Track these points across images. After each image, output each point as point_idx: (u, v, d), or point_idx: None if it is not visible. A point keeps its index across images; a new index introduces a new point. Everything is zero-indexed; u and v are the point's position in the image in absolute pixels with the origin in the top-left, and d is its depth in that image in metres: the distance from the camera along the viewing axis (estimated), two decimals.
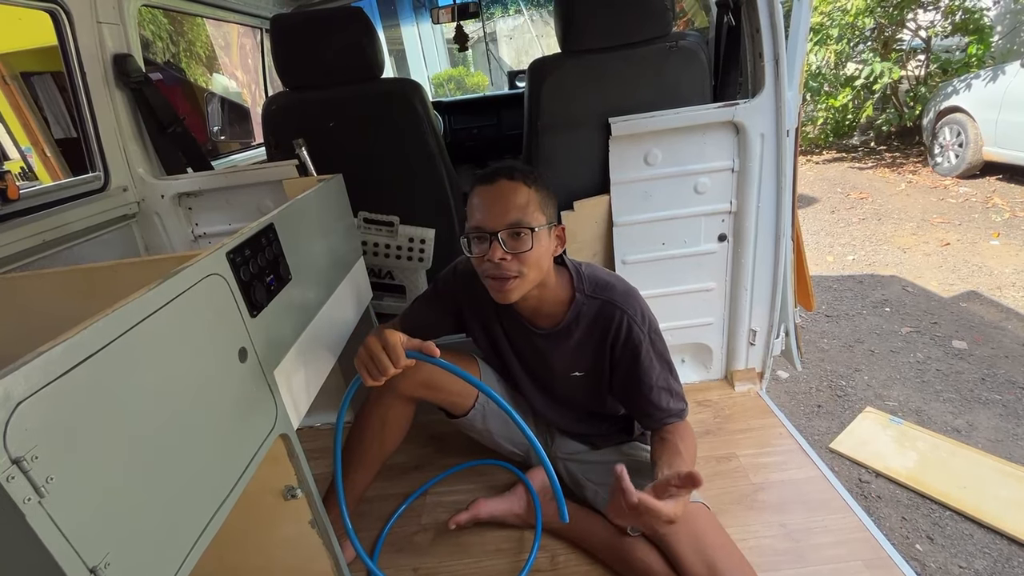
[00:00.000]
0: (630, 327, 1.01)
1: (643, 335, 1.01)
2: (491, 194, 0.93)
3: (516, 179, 0.93)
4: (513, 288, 0.95)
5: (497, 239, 0.91)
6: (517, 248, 0.92)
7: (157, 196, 1.39)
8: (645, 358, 1.01)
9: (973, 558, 1.42)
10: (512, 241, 0.92)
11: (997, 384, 2.07)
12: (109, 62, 1.29)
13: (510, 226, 0.91)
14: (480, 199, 0.94)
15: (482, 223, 0.93)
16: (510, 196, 0.92)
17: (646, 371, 1.01)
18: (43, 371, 0.42)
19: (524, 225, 0.92)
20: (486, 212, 0.93)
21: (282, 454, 0.81)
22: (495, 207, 0.92)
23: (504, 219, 0.91)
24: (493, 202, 0.92)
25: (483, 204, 0.94)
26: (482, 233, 0.93)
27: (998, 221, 3.63)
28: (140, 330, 0.52)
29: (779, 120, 1.30)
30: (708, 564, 0.90)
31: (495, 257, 0.91)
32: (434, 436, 1.52)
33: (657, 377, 1.02)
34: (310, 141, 1.27)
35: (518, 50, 9.01)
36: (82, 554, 0.43)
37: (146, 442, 0.52)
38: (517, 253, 0.92)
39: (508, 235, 0.92)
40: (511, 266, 0.93)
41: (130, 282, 0.61)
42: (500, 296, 0.96)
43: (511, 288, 0.94)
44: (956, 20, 5.04)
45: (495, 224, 0.92)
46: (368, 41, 1.34)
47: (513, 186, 0.93)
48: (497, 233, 0.91)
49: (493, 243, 0.91)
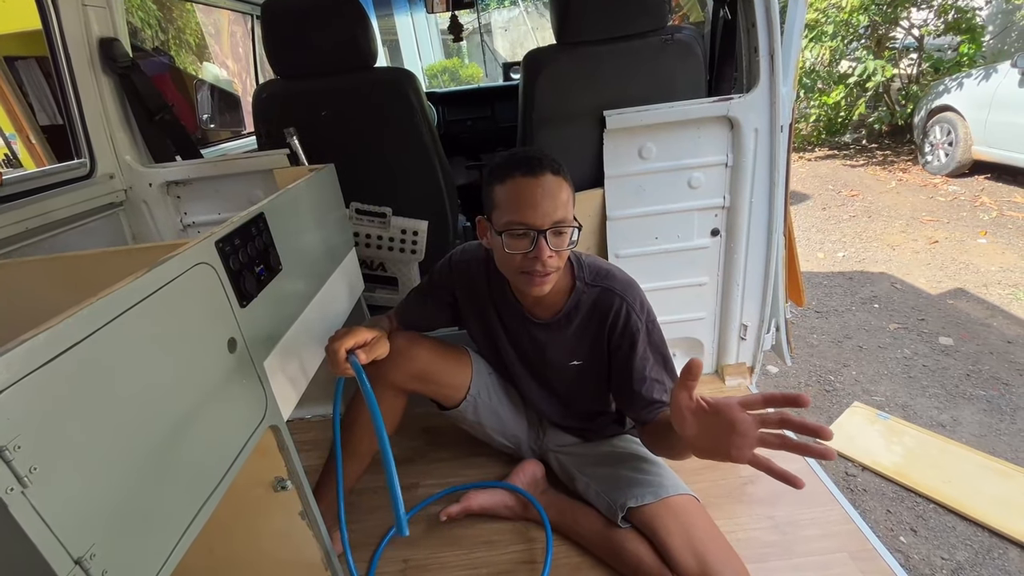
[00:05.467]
0: (628, 314, 1.01)
1: (640, 324, 1.01)
2: (537, 188, 0.88)
3: (560, 173, 0.90)
4: (550, 281, 0.94)
5: (544, 237, 0.89)
6: (560, 246, 0.91)
7: (145, 184, 1.37)
8: (641, 347, 1.01)
9: (955, 550, 1.44)
10: (555, 238, 0.90)
11: (981, 380, 2.10)
12: (95, 46, 1.26)
13: (556, 224, 0.89)
14: (523, 191, 0.89)
15: (528, 220, 0.88)
16: (557, 193, 0.89)
17: (640, 361, 1.01)
18: (26, 360, 0.41)
19: (568, 224, 0.90)
20: (532, 209, 0.88)
21: (272, 446, 0.80)
22: (543, 204, 0.88)
23: (552, 217, 0.88)
24: (540, 198, 0.88)
25: (528, 198, 0.88)
26: (528, 229, 0.89)
27: (986, 220, 3.68)
28: (126, 319, 0.51)
29: (773, 115, 1.30)
30: (698, 556, 0.90)
31: (544, 256, 0.89)
32: (426, 428, 1.52)
33: (651, 368, 1.01)
34: (301, 130, 1.25)
35: (513, 42, 8.95)
36: (67, 545, 0.42)
37: (132, 432, 0.51)
38: (560, 251, 0.91)
39: (553, 232, 0.90)
40: (553, 263, 0.91)
41: (116, 271, 0.60)
42: (536, 290, 0.95)
43: (548, 282, 0.94)
44: (949, 19, 5.08)
45: (542, 222, 0.88)
46: (361, 29, 1.33)
47: (558, 182, 0.89)
48: (545, 231, 0.89)
49: (539, 241, 0.89)
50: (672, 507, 0.99)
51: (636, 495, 1.02)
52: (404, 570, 1.12)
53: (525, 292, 0.99)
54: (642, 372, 1.01)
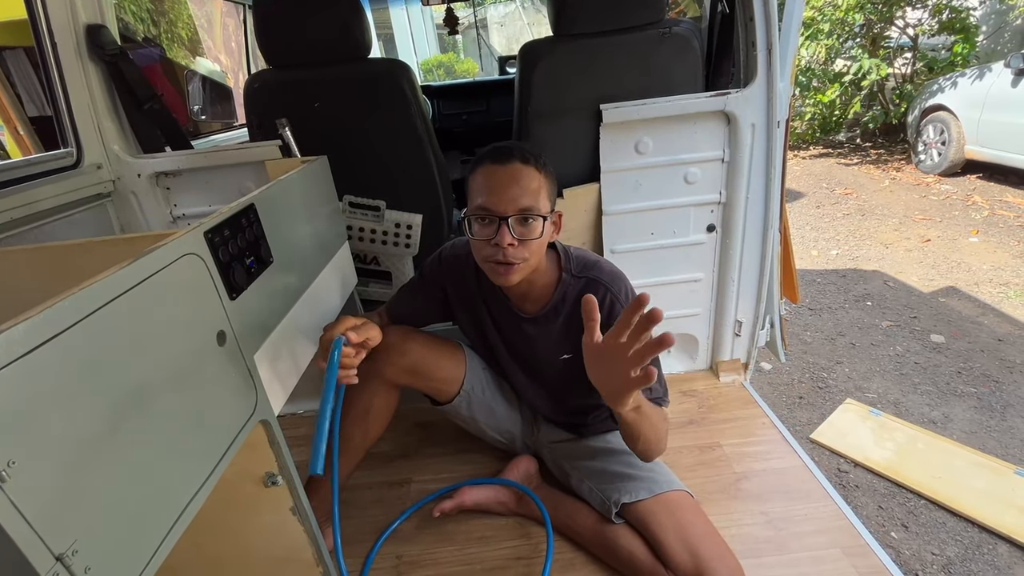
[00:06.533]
0: (612, 304, 0.99)
1: None
2: (503, 175, 0.88)
3: (530, 162, 0.89)
4: (515, 272, 0.92)
5: (507, 224, 0.88)
6: (526, 235, 0.90)
7: (133, 175, 1.34)
8: None
9: (945, 545, 1.46)
10: (521, 227, 0.89)
11: (972, 377, 2.12)
12: (82, 33, 1.23)
13: (521, 211, 0.88)
14: (490, 178, 0.89)
15: (491, 205, 0.89)
16: (523, 180, 0.88)
17: None
18: (4, 350, 0.39)
19: (535, 212, 0.89)
20: (497, 194, 0.88)
21: (262, 440, 0.79)
22: (508, 190, 0.88)
23: (516, 204, 0.88)
24: (506, 184, 0.88)
25: (494, 185, 0.89)
26: (490, 215, 0.89)
27: (978, 219, 3.71)
28: (111, 310, 0.50)
29: (770, 110, 1.30)
30: (691, 551, 0.90)
31: (503, 242, 0.88)
32: (419, 424, 1.51)
33: None
34: (294, 121, 1.23)
35: (509, 38, 8.92)
36: (47, 541, 0.41)
37: (116, 425, 0.50)
38: (525, 240, 0.90)
39: (518, 220, 0.89)
40: (518, 252, 0.90)
41: (102, 261, 0.58)
42: (501, 280, 0.94)
43: (515, 272, 0.92)
44: (943, 19, 5.10)
45: (506, 208, 0.88)
46: (355, 18, 1.31)
47: (527, 170, 0.89)
48: (508, 218, 0.88)
49: (502, 227, 0.88)
50: (666, 503, 0.98)
51: (630, 491, 1.01)
52: (397, 566, 1.11)
53: (495, 283, 0.98)
54: None
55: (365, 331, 0.96)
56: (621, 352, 0.73)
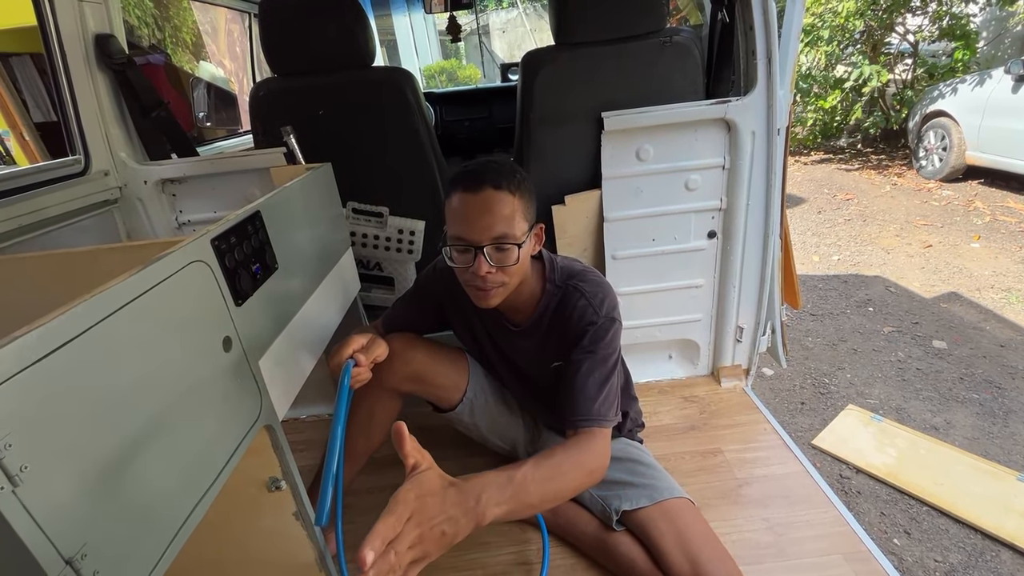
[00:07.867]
0: (584, 309, 0.97)
1: (595, 321, 0.95)
2: (476, 205, 0.87)
3: (502, 188, 0.87)
4: (494, 296, 0.94)
5: (483, 253, 0.88)
6: (503, 261, 0.90)
7: (140, 181, 1.36)
8: (587, 345, 0.94)
9: (948, 552, 1.45)
10: (497, 254, 0.89)
11: (975, 383, 2.11)
12: (91, 42, 1.25)
13: (496, 240, 0.88)
14: (463, 207, 0.88)
15: (466, 235, 0.88)
16: (496, 208, 0.87)
17: (577, 361, 0.94)
18: (17, 357, 0.40)
19: (510, 240, 0.88)
20: (470, 224, 0.88)
21: (266, 445, 0.79)
22: (481, 219, 0.87)
23: (490, 233, 0.87)
24: (479, 214, 0.87)
25: (467, 214, 0.88)
26: (466, 245, 0.90)
27: (979, 224, 3.71)
28: (120, 317, 0.51)
29: (770, 118, 1.31)
30: (690, 559, 0.90)
31: (481, 271, 0.89)
32: (421, 429, 1.51)
33: (584, 372, 0.93)
34: (298, 129, 1.24)
35: (511, 44, 8.96)
36: (58, 545, 0.42)
37: (125, 431, 0.50)
38: (503, 267, 0.90)
39: (493, 248, 0.88)
40: (496, 277, 0.91)
41: (110, 268, 0.59)
42: (482, 303, 0.95)
43: (493, 295, 0.93)
44: (943, 25, 5.12)
45: (480, 238, 0.87)
46: (359, 27, 1.32)
47: (499, 196, 0.87)
48: (483, 247, 0.88)
49: (478, 257, 0.88)
50: (666, 510, 0.98)
51: (630, 498, 1.02)
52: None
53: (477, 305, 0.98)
54: (576, 373, 0.93)
55: (373, 350, 0.97)
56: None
